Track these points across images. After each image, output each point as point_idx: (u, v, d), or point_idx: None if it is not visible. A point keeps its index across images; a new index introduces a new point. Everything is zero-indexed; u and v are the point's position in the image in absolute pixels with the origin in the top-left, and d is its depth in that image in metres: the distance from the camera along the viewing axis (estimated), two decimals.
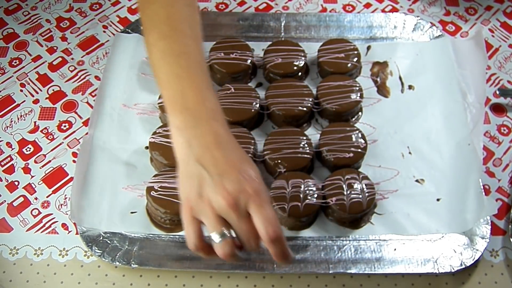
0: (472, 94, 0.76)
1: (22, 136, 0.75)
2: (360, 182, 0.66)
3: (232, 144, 0.53)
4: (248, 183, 0.50)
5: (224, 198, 0.48)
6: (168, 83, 0.55)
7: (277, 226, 0.49)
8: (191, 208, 0.50)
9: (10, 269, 0.65)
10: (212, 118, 0.53)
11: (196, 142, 0.51)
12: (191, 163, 0.51)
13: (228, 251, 0.50)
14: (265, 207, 0.49)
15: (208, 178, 0.49)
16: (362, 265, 0.64)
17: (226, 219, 0.50)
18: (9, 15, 0.89)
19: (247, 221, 0.49)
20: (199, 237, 0.51)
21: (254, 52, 0.81)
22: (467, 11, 0.90)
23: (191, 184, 0.50)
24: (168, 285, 0.64)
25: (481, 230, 0.65)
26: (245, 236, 0.50)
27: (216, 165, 0.50)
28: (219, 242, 0.49)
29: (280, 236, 0.50)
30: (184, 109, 0.53)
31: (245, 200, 0.49)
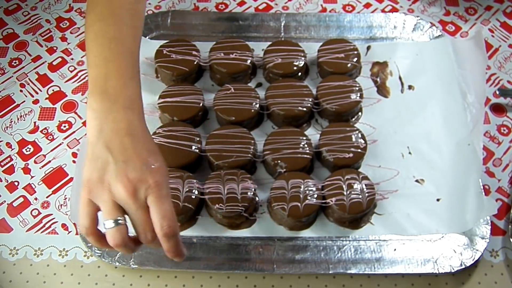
0: (472, 94, 0.76)
1: (22, 137, 0.75)
2: (360, 182, 0.66)
3: (143, 135, 0.53)
4: (151, 174, 0.49)
5: (125, 185, 0.48)
6: (95, 65, 0.55)
7: (173, 221, 0.49)
8: (90, 190, 0.50)
9: (10, 270, 0.65)
10: (129, 107, 0.53)
11: (107, 127, 0.51)
12: (99, 146, 0.51)
13: (119, 239, 0.49)
14: (163, 201, 0.49)
15: (112, 163, 0.49)
16: (362, 265, 0.64)
17: (123, 207, 0.49)
18: (9, 15, 0.89)
19: (144, 212, 0.49)
20: (92, 220, 0.50)
21: (254, 52, 0.81)
22: (467, 11, 0.90)
23: (94, 167, 0.50)
24: (168, 285, 0.64)
25: (481, 230, 0.65)
26: (141, 227, 0.50)
27: (122, 152, 0.50)
28: (111, 228, 0.49)
29: (175, 232, 0.50)
30: (103, 93, 0.53)
31: (145, 191, 0.49)
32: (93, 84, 0.54)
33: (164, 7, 0.90)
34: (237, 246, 0.66)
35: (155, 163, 0.51)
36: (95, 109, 0.52)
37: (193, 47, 0.79)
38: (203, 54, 0.79)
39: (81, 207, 0.50)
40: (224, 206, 0.64)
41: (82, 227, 0.50)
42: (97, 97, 0.53)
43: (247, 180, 0.66)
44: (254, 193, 0.66)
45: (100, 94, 0.53)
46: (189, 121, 0.73)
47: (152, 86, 0.78)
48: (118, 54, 0.56)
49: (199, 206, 0.67)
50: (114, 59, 0.55)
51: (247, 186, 0.65)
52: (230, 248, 0.65)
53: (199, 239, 0.66)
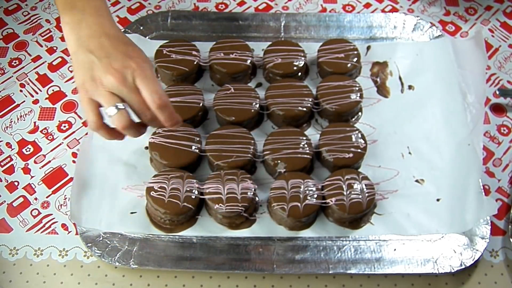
0: (472, 94, 0.76)
1: (22, 137, 0.75)
2: (360, 182, 0.66)
3: (116, 33, 0.60)
4: (132, 60, 0.57)
5: (113, 75, 0.55)
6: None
7: (162, 94, 0.57)
8: (86, 90, 0.56)
9: (10, 270, 0.65)
10: (97, 13, 0.60)
11: (83, 33, 0.58)
12: (80, 52, 0.57)
13: (124, 121, 0.56)
14: (149, 79, 0.56)
15: (97, 62, 0.56)
16: (362, 265, 0.64)
17: (118, 95, 0.56)
18: (9, 15, 0.89)
19: (136, 93, 0.56)
20: (97, 115, 0.57)
21: (254, 52, 0.81)
22: (467, 11, 0.90)
23: (83, 70, 0.56)
24: (168, 285, 0.64)
25: (481, 230, 0.65)
26: (138, 106, 0.57)
27: (102, 50, 0.57)
28: (114, 114, 0.56)
29: (166, 102, 0.57)
30: (72, 8, 0.60)
31: (131, 75, 0.56)
32: (62, 4, 0.61)
33: (164, 7, 0.90)
34: (237, 246, 0.66)
35: (133, 52, 0.58)
36: (68, 22, 0.59)
37: (193, 47, 0.79)
38: (203, 54, 0.79)
39: (84, 107, 0.57)
40: (224, 206, 0.64)
41: (91, 123, 0.57)
42: (67, 12, 0.60)
43: (247, 180, 0.66)
44: (254, 193, 0.66)
45: (70, 9, 0.60)
46: (189, 121, 0.73)
47: None
48: None
49: (199, 206, 0.67)
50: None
51: (247, 186, 0.65)
52: (230, 248, 0.65)
53: (199, 239, 0.66)
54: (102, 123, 0.57)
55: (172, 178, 0.66)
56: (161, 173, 0.67)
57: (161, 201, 0.64)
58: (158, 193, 0.65)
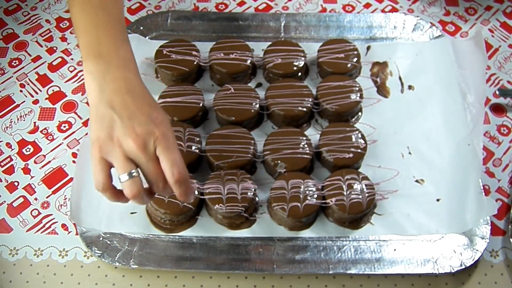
0: (472, 94, 0.76)
1: (22, 137, 0.75)
2: (360, 183, 0.66)
3: (142, 91, 0.56)
4: (156, 126, 0.52)
5: (134, 140, 0.51)
6: (86, 31, 0.57)
7: (182, 168, 0.53)
8: (101, 148, 0.52)
9: (10, 270, 0.65)
10: (124, 66, 0.56)
11: (107, 87, 0.54)
12: (102, 106, 0.53)
13: (135, 190, 0.51)
14: (171, 150, 0.52)
15: (119, 121, 0.52)
16: (362, 265, 0.64)
17: (135, 160, 0.52)
18: (9, 16, 0.89)
19: (155, 162, 0.52)
20: (107, 176, 0.52)
21: (254, 52, 0.81)
22: (467, 11, 0.90)
23: (101, 126, 0.52)
24: (168, 285, 0.64)
25: (481, 230, 0.65)
26: (153, 177, 0.53)
27: (126, 108, 0.52)
28: (126, 181, 0.51)
29: (185, 178, 0.53)
30: (98, 55, 0.55)
31: (154, 143, 0.52)
32: (86, 49, 0.56)
33: (164, 7, 0.90)
34: (237, 246, 0.66)
35: (158, 116, 0.54)
36: (92, 72, 0.55)
37: (193, 47, 0.79)
38: (203, 54, 0.79)
39: (94, 166, 0.53)
40: (224, 206, 0.64)
41: (99, 184, 0.52)
42: (92, 60, 0.55)
43: (247, 180, 0.66)
44: (254, 193, 0.66)
45: (95, 58, 0.55)
46: (189, 121, 0.73)
47: (152, 86, 0.77)
48: (106, 20, 0.58)
49: (199, 206, 0.67)
50: (103, 25, 0.58)
51: (247, 186, 0.65)
52: (230, 248, 0.65)
53: (199, 239, 0.66)
54: (110, 185, 0.53)
55: None
56: None
57: (161, 201, 0.64)
58: None
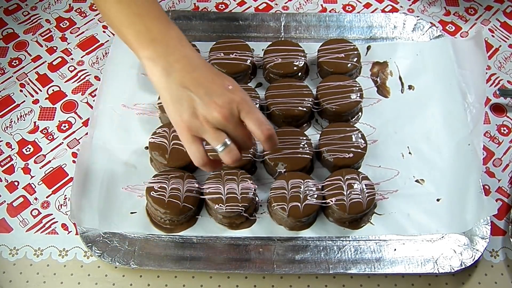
0: (472, 94, 0.76)
1: (22, 137, 0.75)
2: (360, 183, 0.66)
3: (205, 65, 0.57)
4: (234, 94, 0.55)
5: (219, 112, 0.53)
6: (130, 22, 0.58)
7: (267, 124, 0.56)
8: (189, 128, 0.55)
9: (10, 270, 0.65)
10: (181, 45, 0.57)
11: (173, 69, 0.55)
12: (174, 88, 0.55)
13: (234, 156, 0.55)
14: (253, 111, 0.55)
15: (197, 99, 0.54)
16: (362, 265, 0.64)
17: (223, 130, 0.55)
18: (9, 15, 0.89)
19: (242, 127, 0.55)
20: (203, 152, 0.56)
21: (254, 52, 0.81)
22: (467, 11, 0.90)
23: (181, 107, 0.54)
24: (168, 285, 0.64)
25: (481, 230, 0.65)
26: (242, 139, 0.56)
27: (200, 85, 0.54)
28: (223, 150, 0.55)
29: (273, 132, 0.56)
30: (152, 41, 0.56)
31: (237, 109, 0.54)
32: (137, 38, 0.57)
33: (164, 7, 0.90)
34: (237, 246, 0.66)
35: (231, 84, 0.56)
36: (152, 58, 0.56)
37: (193, 47, 0.79)
38: (203, 54, 0.79)
39: (187, 146, 0.56)
40: (224, 206, 0.64)
41: (199, 162, 0.56)
42: (148, 47, 0.56)
43: (247, 180, 0.66)
44: (254, 193, 0.66)
45: (150, 43, 0.56)
46: None
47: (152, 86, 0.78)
48: (147, 7, 0.59)
49: (199, 206, 0.68)
50: (146, 11, 0.58)
51: (247, 186, 0.65)
52: (230, 248, 0.65)
53: (199, 239, 0.66)
54: (208, 159, 0.56)
55: (172, 178, 0.66)
56: (161, 173, 0.67)
57: (161, 201, 0.64)
58: (158, 193, 0.65)
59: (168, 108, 0.56)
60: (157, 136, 0.70)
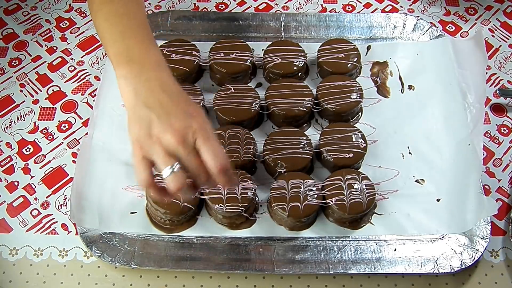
0: (472, 94, 0.76)
1: (22, 137, 0.75)
2: (360, 183, 0.66)
3: (177, 89, 0.56)
4: (194, 120, 0.53)
5: (173, 135, 0.51)
6: (113, 41, 0.58)
7: (223, 158, 0.53)
8: (141, 147, 0.53)
9: (10, 270, 0.65)
10: (157, 67, 0.57)
11: (142, 88, 0.55)
12: (138, 107, 0.54)
13: (179, 183, 0.52)
14: (210, 141, 0.53)
15: (156, 119, 0.52)
16: (362, 265, 0.64)
17: (175, 155, 0.52)
18: (9, 15, 0.89)
19: (195, 155, 0.53)
20: (149, 174, 0.53)
21: (254, 52, 0.81)
22: (467, 11, 0.90)
23: (140, 126, 0.53)
24: (168, 285, 0.64)
25: (481, 230, 0.65)
26: (195, 169, 0.53)
27: (162, 107, 0.53)
28: (168, 176, 0.52)
29: (227, 167, 0.53)
30: (130, 61, 0.56)
31: (192, 136, 0.52)
32: (116, 57, 0.57)
33: (164, 7, 0.90)
34: (237, 246, 0.66)
35: (194, 110, 0.55)
36: (126, 76, 0.56)
37: (193, 47, 0.79)
38: (203, 54, 0.79)
39: (136, 164, 0.54)
40: (224, 206, 0.64)
41: (142, 181, 0.53)
42: (125, 66, 0.56)
43: (247, 180, 0.66)
44: (254, 193, 0.66)
45: (127, 63, 0.56)
46: None
47: None
48: (132, 27, 0.59)
49: (199, 206, 0.67)
50: (130, 32, 0.58)
51: (247, 186, 0.65)
52: (230, 248, 0.65)
53: (199, 239, 0.66)
54: (153, 182, 0.54)
55: None
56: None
57: (161, 201, 0.64)
58: None
59: (129, 126, 0.55)
60: None
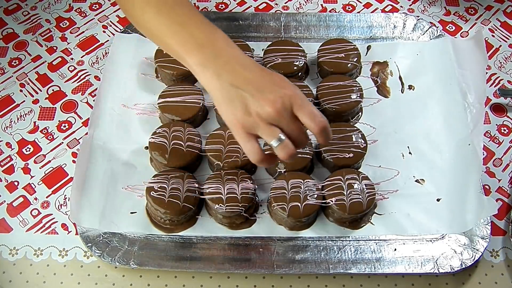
0: (472, 94, 0.76)
1: (22, 136, 0.75)
2: (360, 183, 0.66)
3: (253, 63, 0.57)
4: (284, 89, 0.54)
5: (271, 106, 0.53)
6: (173, 32, 0.58)
7: (321, 117, 0.55)
8: (243, 126, 0.55)
9: (10, 270, 0.65)
10: (228, 46, 0.57)
11: (222, 70, 0.55)
12: (225, 90, 0.55)
13: (289, 151, 0.54)
14: (306, 104, 0.55)
15: (249, 96, 0.54)
16: (362, 265, 0.64)
17: (277, 125, 0.54)
18: (9, 15, 0.89)
19: (296, 121, 0.55)
20: (259, 149, 0.55)
21: (254, 52, 0.81)
22: (467, 11, 0.90)
23: (234, 106, 0.54)
24: (168, 285, 0.64)
25: (481, 230, 0.65)
26: (297, 134, 0.55)
27: (250, 83, 0.54)
28: (278, 146, 0.54)
29: (326, 124, 0.56)
30: (199, 47, 0.57)
31: (289, 103, 0.54)
32: (183, 45, 0.57)
33: None
34: (237, 246, 0.66)
35: (280, 80, 0.56)
36: (201, 63, 0.56)
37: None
38: None
39: (243, 144, 0.56)
40: (224, 206, 0.64)
41: (255, 158, 0.55)
42: (196, 53, 0.56)
43: (247, 180, 0.66)
44: (254, 193, 0.66)
45: (198, 49, 0.56)
46: (189, 121, 0.73)
47: (152, 86, 0.78)
48: (188, 14, 0.59)
49: (199, 206, 0.67)
50: (188, 19, 0.59)
51: (247, 186, 0.65)
52: (230, 248, 0.65)
53: (199, 239, 0.66)
54: (264, 155, 0.55)
55: (172, 178, 0.66)
56: (161, 173, 0.67)
57: (161, 201, 0.64)
58: (158, 193, 0.65)
59: (221, 108, 0.56)
60: (157, 136, 0.70)
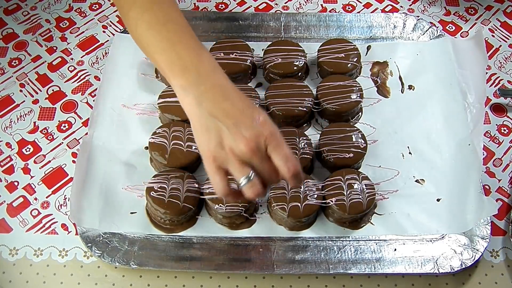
0: (472, 94, 0.76)
1: (22, 137, 0.75)
2: (360, 183, 0.66)
3: (237, 94, 0.56)
4: (263, 127, 0.53)
5: (246, 144, 0.52)
6: (162, 49, 0.57)
7: (295, 161, 0.54)
8: (215, 158, 0.54)
9: (10, 270, 0.65)
10: (213, 73, 0.56)
11: (203, 97, 0.54)
12: (203, 117, 0.54)
13: (256, 191, 0.54)
14: (281, 146, 0.53)
15: (225, 129, 0.53)
16: (362, 265, 0.64)
17: (249, 163, 0.53)
18: (9, 15, 0.89)
19: (268, 161, 0.53)
20: (226, 183, 0.55)
21: (254, 52, 0.81)
22: (467, 11, 0.90)
23: (209, 137, 0.54)
24: (168, 285, 0.64)
25: (481, 230, 0.65)
26: (267, 173, 0.54)
27: (229, 116, 0.53)
28: (245, 184, 0.53)
29: (299, 170, 0.54)
30: (184, 69, 0.56)
31: (264, 143, 0.53)
32: (169, 65, 0.57)
33: None
34: (237, 246, 0.66)
35: (260, 116, 0.54)
36: (184, 86, 0.55)
37: None
38: None
39: (211, 176, 0.55)
40: (224, 206, 0.64)
41: (221, 192, 0.55)
42: (180, 76, 0.56)
43: None
44: None
45: (182, 72, 0.56)
46: None
47: (152, 86, 0.78)
48: (178, 33, 0.58)
49: (199, 206, 0.67)
50: (178, 38, 0.58)
51: None
52: (230, 248, 0.65)
53: (199, 239, 0.66)
54: (231, 190, 0.55)
55: (172, 178, 0.66)
56: (161, 173, 0.67)
57: (161, 201, 0.64)
58: (158, 193, 0.65)
59: (197, 137, 0.56)
60: (157, 136, 0.70)
